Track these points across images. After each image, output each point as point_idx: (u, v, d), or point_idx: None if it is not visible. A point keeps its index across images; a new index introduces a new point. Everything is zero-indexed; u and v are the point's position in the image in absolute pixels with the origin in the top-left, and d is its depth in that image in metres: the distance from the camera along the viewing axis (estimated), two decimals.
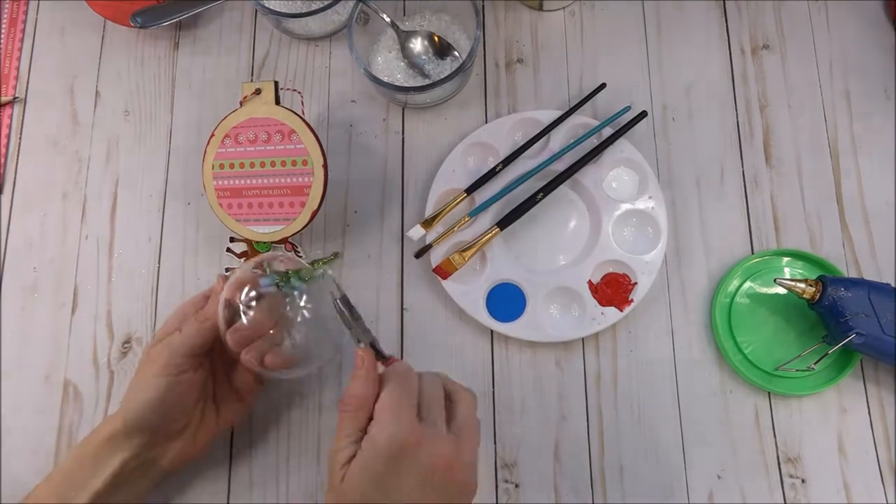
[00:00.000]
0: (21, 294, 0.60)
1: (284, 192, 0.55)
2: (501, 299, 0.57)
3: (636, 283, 0.57)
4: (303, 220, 0.55)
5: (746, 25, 0.65)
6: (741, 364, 0.56)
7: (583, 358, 0.57)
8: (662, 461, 0.55)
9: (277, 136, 0.55)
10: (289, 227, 0.55)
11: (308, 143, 0.54)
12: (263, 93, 0.56)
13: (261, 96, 0.56)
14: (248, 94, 0.56)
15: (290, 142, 0.55)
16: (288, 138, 0.55)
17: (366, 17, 0.61)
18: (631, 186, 0.60)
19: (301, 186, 0.55)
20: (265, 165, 0.55)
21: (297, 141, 0.55)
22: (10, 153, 0.64)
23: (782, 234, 0.60)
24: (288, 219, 0.55)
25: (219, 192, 0.57)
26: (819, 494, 0.54)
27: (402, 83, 0.61)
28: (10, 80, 0.65)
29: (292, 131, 0.55)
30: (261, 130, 0.55)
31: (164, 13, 0.63)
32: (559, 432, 0.56)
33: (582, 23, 0.65)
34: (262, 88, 0.56)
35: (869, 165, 0.61)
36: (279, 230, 0.56)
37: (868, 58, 0.64)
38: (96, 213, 0.62)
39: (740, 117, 0.63)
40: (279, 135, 0.55)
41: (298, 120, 0.55)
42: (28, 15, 0.67)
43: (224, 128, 0.57)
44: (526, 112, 0.62)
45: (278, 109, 0.55)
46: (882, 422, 0.56)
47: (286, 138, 0.55)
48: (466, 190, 0.59)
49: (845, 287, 0.53)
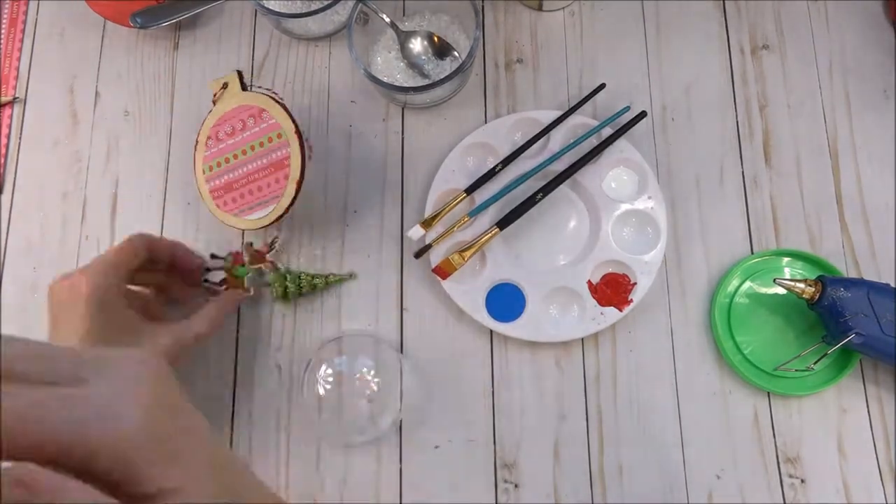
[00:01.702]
0: (21, 294, 0.60)
1: (268, 171, 0.55)
2: (501, 299, 0.57)
3: (636, 283, 0.57)
4: (290, 192, 0.54)
5: (746, 25, 0.65)
6: (741, 364, 0.56)
7: (582, 358, 0.57)
8: (662, 461, 0.55)
9: (251, 120, 0.55)
10: (279, 204, 0.55)
11: (278, 116, 0.54)
12: (230, 85, 0.57)
13: (228, 89, 0.57)
14: (217, 91, 0.57)
15: (262, 121, 0.55)
16: (259, 118, 0.55)
17: (365, 18, 0.61)
18: (630, 186, 0.60)
19: (281, 160, 0.54)
20: (246, 153, 0.56)
21: (269, 117, 0.55)
22: (10, 153, 0.64)
23: (782, 234, 0.60)
24: (276, 196, 0.55)
25: (213, 194, 0.57)
26: (818, 494, 0.54)
27: (402, 83, 0.61)
28: (10, 80, 0.65)
29: (262, 110, 0.55)
30: (236, 121, 0.56)
31: (164, 13, 0.63)
32: (559, 432, 0.56)
33: (581, 23, 0.65)
34: (227, 82, 0.57)
35: (869, 165, 0.61)
36: (271, 211, 0.55)
37: (868, 58, 0.64)
38: (96, 213, 0.62)
39: (740, 117, 0.63)
40: (252, 118, 0.55)
41: (266, 98, 0.55)
42: (28, 15, 0.67)
43: (205, 131, 0.57)
44: (525, 112, 0.62)
45: (246, 95, 0.56)
46: (882, 422, 0.56)
47: (258, 119, 0.55)
48: (466, 190, 0.59)
49: (845, 287, 0.53)
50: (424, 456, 0.56)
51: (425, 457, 0.56)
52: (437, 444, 0.56)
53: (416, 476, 0.55)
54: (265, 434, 0.56)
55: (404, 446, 0.56)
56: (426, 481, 0.55)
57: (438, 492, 0.55)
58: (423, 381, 0.57)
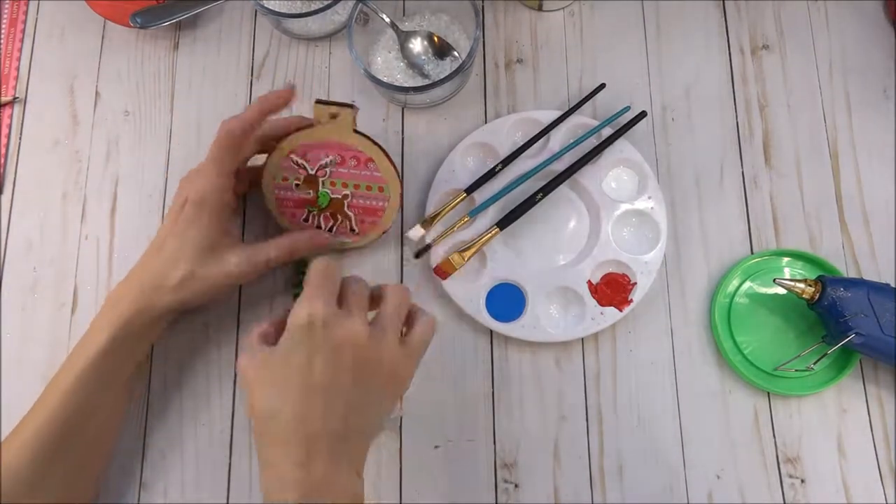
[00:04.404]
0: (21, 294, 0.60)
1: (357, 212, 0.57)
2: (501, 299, 0.57)
3: (636, 283, 0.57)
4: (371, 236, 0.58)
5: (746, 25, 0.65)
6: (741, 364, 0.56)
7: (582, 358, 0.57)
8: (662, 461, 0.55)
9: (352, 161, 0.55)
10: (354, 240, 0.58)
11: (386, 173, 0.56)
12: (341, 118, 0.54)
13: (338, 122, 0.54)
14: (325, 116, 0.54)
15: (366, 168, 0.56)
16: (364, 165, 0.55)
17: (365, 18, 0.61)
18: (630, 186, 0.60)
19: (374, 209, 0.57)
20: (336, 185, 0.56)
21: (375, 168, 0.55)
22: (10, 153, 0.64)
23: (782, 234, 0.60)
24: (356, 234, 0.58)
25: (280, 203, 0.57)
26: (818, 494, 0.54)
27: (402, 83, 0.61)
28: (10, 80, 0.65)
29: (369, 159, 0.55)
30: (335, 154, 0.55)
31: (164, 13, 0.63)
32: (559, 432, 0.56)
33: (581, 23, 0.65)
34: (340, 114, 0.54)
35: (868, 165, 0.61)
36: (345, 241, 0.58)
37: (868, 58, 0.64)
38: (96, 213, 0.62)
39: (740, 117, 0.63)
40: (353, 160, 0.55)
41: (377, 150, 0.55)
42: (28, 15, 0.67)
43: (291, 143, 0.55)
44: (525, 112, 0.62)
45: (357, 137, 0.55)
46: (882, 422, 0.56)
47: (360, 164, 0.55)
48: (466, 190, 0.59)
49: (844, 287, 0.53)
50: (424, 456, 0.56)
51: (425, 457, 0.56)
52: (437, 444, 0.56)
53: (416, 476, 0.55)
54: None
55: (404, 446, 0.56)
56: (426, 481, 0.55)
57: (438, 492, 0.55)
58: (423, 381, 0.57)
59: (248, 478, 0.55)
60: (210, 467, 0.56)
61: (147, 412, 0.57)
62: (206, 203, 0.51)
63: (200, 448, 0.56)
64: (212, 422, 0.57)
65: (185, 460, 0.56)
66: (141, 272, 0.52)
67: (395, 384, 0.47)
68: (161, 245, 0.51)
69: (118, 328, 0.49)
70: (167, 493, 0.55)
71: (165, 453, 0.56)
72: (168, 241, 0.51)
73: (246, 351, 0.46)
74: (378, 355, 0.45)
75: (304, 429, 0.42)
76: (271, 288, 0.59)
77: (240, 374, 0.47)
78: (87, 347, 0.49)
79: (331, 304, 0.44)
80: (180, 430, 0.56)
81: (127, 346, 0.50)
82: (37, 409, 0.49)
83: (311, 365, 0.43)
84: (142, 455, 0.56)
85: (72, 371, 0.49)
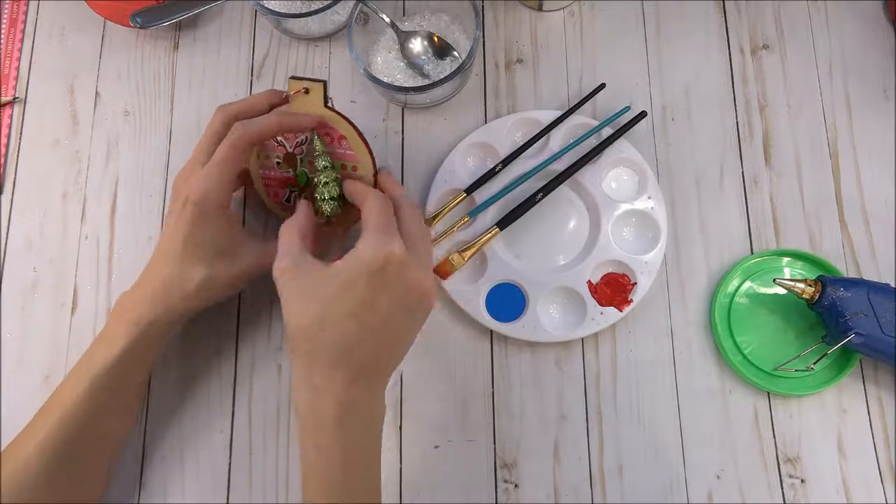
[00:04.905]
0: (21, 294, 0.60)
1: None
2: (501, 299, 0.57)
3: (636, 283, 0.57)
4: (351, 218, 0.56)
5: (746, 25, 0.65)
6: (741, 364, 0.56)
7: (582, 358, 0.57)
8: (662, 461, 0.55)
9: (326, 138, 0.54)
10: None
11: (358, 151, 0.54)
12: (312, 93, 0.54)
13: (309, 96, 0.54)
14: (295, 93, 0.54)
15: (339, 146, 0.54)
16: (337, 142, 0.54)
17: (365, 18, 0.61)
18: (630, 186, 0.60)
19: None
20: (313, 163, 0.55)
21: (347, 147, 0.54)
22: (10, 153, 0.64)
23: (782, 234, 0.60)
24: None
25: (265, 183, 0.57)
26: (818, 494, 0.54)
27: (402, 83, 0.61)
28: (10, 80, 0.65)
29: (342, 137, 0.54)
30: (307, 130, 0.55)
31: (164, 13, 0.63)
32: (558, 432, 0.56)
33: (581, 23, 0.65)
34: (310, 89, 0.54)
35: (868, 165, 0.61)
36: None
37: (868, 58, 0.64)
38: (96, 213, 0.62)
39: (740, 117, 0.63)
40: (327, 137, 0.54)
41: (348, 126, 0.54)
42: (28, 15, 0.67)
43: None
44: (525, 112, 0.62)
45: (327, 113, 0.54)
46: (881, 422, 0.56)
47: (335, 142, 0.54)
48: (466, 190, 0.59)
49: (844, 287, 0.53)
50: (424, 456, 0.56)
51: (425, 457, 0.56)
52: (437, 444, 0.56)
53: (416, 476, 0.55)
54: (265, 433, 0.56)
55: (404, 446, 0.56)
56: (426, 481, 0.55)
57: (438, 492, 0.55)
58: (424, 381, 0.57)
59: (249, 478, 0.55)
60: (210, 468, 0.56)
61: (147, 412, 0.57)
62: (212, 204, 0.50)
63: (200, 448, 0.56)
64: (212, 422, 0.57)
65: (185, 461, 0.56)
66: (152, 279, 0.51)
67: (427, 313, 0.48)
68: (169, 250, 0.50)
69: (134, 336, 0.49)
70: (167, 494, 0.55)
71: (165, 454, 0.56)
72: (177, 245, 0.50)
73: (287, 257, 0.46)
74: (430, 297, 0.47)
75: (353, 355, 0.44)
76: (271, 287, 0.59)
77: (279, 282, 0.46)
78: (102, 354, 0.49)
79: (402, 246, 0.45)
80: (180, 430, 0.56)
81: (141, 352, 0.50)
82: (48, 413, 0.49)
83: (374, 303, 0.44)
84: (142, 456, 0.56)
85: (86, 376, 0.48)
